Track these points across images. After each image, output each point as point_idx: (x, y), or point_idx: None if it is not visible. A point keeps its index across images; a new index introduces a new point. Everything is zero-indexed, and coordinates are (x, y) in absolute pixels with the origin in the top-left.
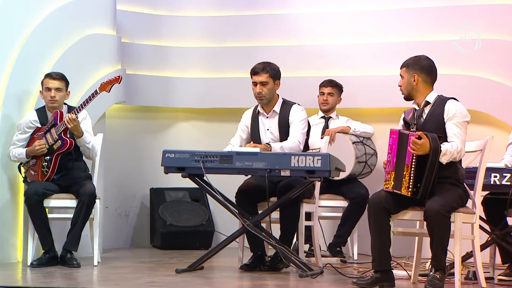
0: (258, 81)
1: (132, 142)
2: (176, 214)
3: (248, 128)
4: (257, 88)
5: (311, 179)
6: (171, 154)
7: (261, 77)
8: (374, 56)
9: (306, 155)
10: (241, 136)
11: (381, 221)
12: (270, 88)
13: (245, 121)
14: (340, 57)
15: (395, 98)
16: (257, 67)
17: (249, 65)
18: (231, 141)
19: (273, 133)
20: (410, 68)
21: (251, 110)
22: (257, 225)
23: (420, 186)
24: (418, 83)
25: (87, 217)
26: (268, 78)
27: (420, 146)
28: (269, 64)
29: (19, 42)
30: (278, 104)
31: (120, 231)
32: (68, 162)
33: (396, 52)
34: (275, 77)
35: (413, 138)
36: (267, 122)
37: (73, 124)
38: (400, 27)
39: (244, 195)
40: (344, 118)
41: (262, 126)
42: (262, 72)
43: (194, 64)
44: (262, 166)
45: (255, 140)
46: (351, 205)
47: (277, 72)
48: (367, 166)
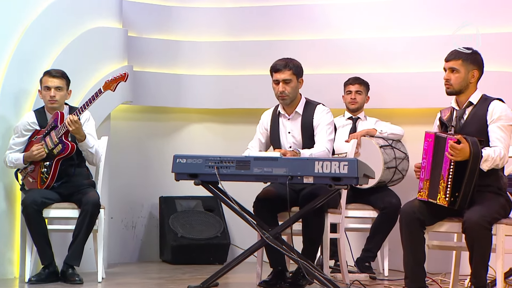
0: (280, 79)
1: (140, 146)
2: (188, 226)
3: (267, 131)
4: (279, 86)
5: (336, 187)
6: (183, 159)
7: (283, 75)
8: (406, 50)
9: (332, 161)
10: (260, 139)
11: (415, 233)
12: (293, 86)
13: (264, 123)
14: (368, 52)
15: (430, 97)
16: (279, 64)
17: (269, 61)
18: (250, 144)
19: (295, 137)
20: (469, 62)
21: (270, 111)
22: (277, 237)
23: (459, 195)
24: (475, 80)
25: (90, 229)
26: (291, 75)
27: (459, 152)
28: (291, 60)
29: (16, 36)
30: (301, 104)
31: (126, 244)
32: (69, 168)
33: (431, 46)
34: (298, 74)
35: (451, 142)
36: (289, 124)
37: (74, 126)
38: (435, 19)
39: (263, 204)
40: (373, 119)
41: (283, 128)
42: (284, 69)
43: (208, 60)
44: (283, 172)
45: (275, 144)
46: (381, 216)
47: (300, 69)
48: (397, 172)
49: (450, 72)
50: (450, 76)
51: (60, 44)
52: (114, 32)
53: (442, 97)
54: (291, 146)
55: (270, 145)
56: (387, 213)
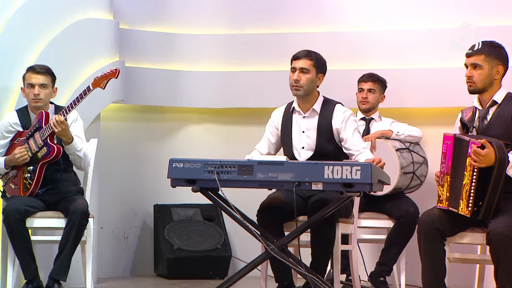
0: (297, 67)
1: (133, 149)
2: (185, 237)
3: (278, 130)
4: (294, 75)
5: (348, 194)
6: (180, 164)
7: (301, 62)
8: (425, 44)
9: (343, 165)
10: (269, 139)
11: (434, 245)
12: (310, 78)
13: (275, 121)
14: (383, 46)
15: (451, 95)
16: (300, 52)
17: (275, 55)
18: (257, 145)
19: (310, 137)
20: (493, 57)
21: (282, 108)
22: (283, 249)
23: (483, 204)
24: (499, 77)
25: (78, 240)
26: (311, 66)
27: (483, 158)
28: (315, 53)
29: None
30: (319, 102)
31: (118, 256)
32: (55, 174)
33: (476, 30)
34: (319, 68)
35: (475, 147)
36: (304, 122)
37: (61, 127)
38: (458, 9)
39: (267, 213)
40: (388, 119)
41: (297, 127)
42: (304, 57)
43: (208, 55)
44: (289, 178)
45: (286, 145)
46: (398, 226)
47: (323, 63)
48: (415, 178)
49: (472, 69)
50: (472, 73)
51: (45, 37)
52: (104, 24)
53: (464, 96)
54: (304, 147)
55: (281, 146)
56: (404, 223)
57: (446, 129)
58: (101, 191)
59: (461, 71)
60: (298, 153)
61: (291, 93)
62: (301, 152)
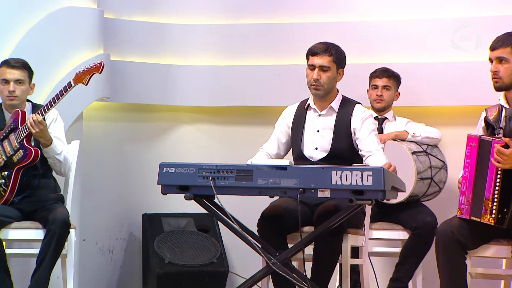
0: (316, 65)
1: (119, 153)
2: (177, 249)
3: (289, 128)
4: (314, 73)
5: (359, 202)
6: (171, 168)
7: (321, 60)
8: (444, 35)
9: (352, 170)
10: (279, 139)
11: (454, 259)
12: (331, 76)
13: (286, 119)
14: (397, 37)
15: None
16: (318, 47)
17: (278, 48)
18: (265, 145)
19: (324, 137)
20: None
21: (295, 105)
22: (286, 263)
23: (508, 211)
24: None
25: (58, 253)
26: (331, 62)
27: (507, 158)
28: (334, 46)
29: None
30: (337, 100)
31: (102, 271)
32: (32, 179)
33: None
34: (339, 63)
35: (498, 146)
36: (319, 121)
37: (38, 128)
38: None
39: (269, 223)
40: (403, 119)
41: (311, 125)
42: (324, 53)
43: (202, 47)
44: (293, 184)
45: (295, 144)
46: (413, 238)
47: (343, 58)
48: (433, 184)
49: (498, 63)
50: (498, 68)
51: (21, 28)
52: (87, 12)
53: (489, 93)
54: (318, 148)
55: (291, 147)
56: (421, 234)
57: (467, 130)
58: (84, 198)
59: (486, 64)
60: (310, 154)
61: (296, 91)
62: (313, 153)
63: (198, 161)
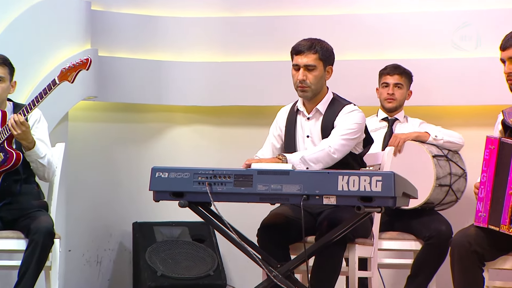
0: (301, 64)
1: (107, 156)
2: (170, 261)
3: (282, 133)
4: (299, 73)
5: (367, 210)
6: (164, 173)
7: (306, 58)
8: (459, 29)
9: (360, 175)
10: (274, 144)
11: (471, 271)
12: (318, 76)
13: (279, 122)
14: (408, 32)
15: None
16: (302, 44)
17: (279, 43)
18: (259, 152)
19: (315, 142)
20: None
21: (288, 106)
22: (288, 276)
23: None
24: None
25: (41, 265)
26: (317, 60)
27: None
28: (319, 42)
29: None
30: (326, 100)
31: (89, 284)
32: (14, 185)
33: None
34: (326, 60)
35: None
36: (308, 125)
37: (20, 129)
38: None
39: (270, 233)
40: (416, 120)
41: (301, 131)
42: (308, 51)
43: (197, 42)
44: (296, 190)
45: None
46: (427, 248)
47: (330, 54)
48: (451, 193)
49: (509, 63)
50: (509, 69)
51: (2, 21)
52: (73, 4)
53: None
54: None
55: None
56: (434, 245)
57: (485, 132)
58: (69, 206)
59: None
60: None
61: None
62: None
63: (193, 165)
